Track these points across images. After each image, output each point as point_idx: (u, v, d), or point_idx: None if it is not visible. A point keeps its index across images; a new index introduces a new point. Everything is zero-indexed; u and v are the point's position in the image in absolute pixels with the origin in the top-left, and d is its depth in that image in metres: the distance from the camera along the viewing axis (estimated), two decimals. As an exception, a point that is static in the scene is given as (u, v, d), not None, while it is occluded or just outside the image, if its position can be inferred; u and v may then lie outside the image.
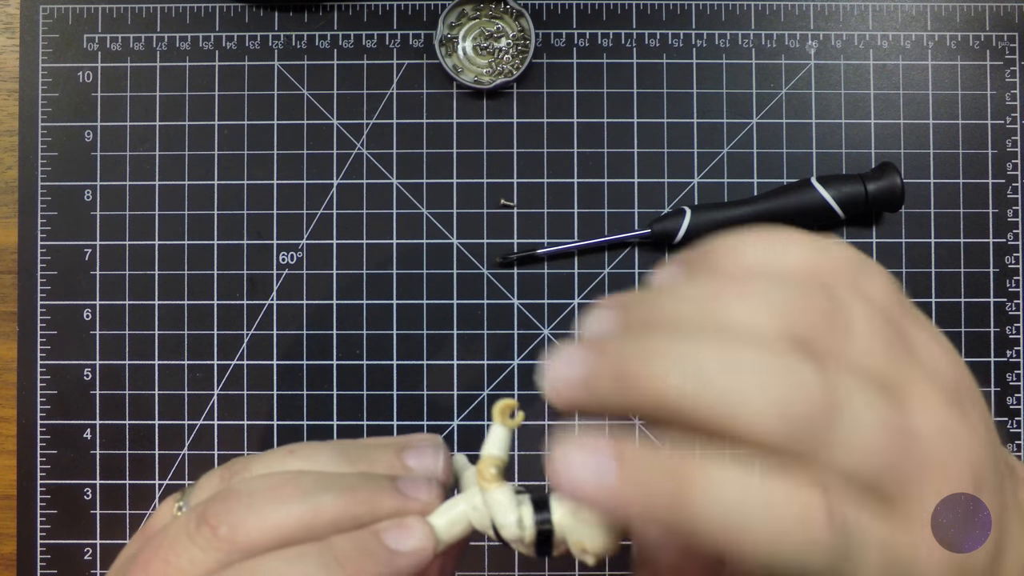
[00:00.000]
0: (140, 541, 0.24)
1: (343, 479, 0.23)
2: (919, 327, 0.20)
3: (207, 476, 0.25)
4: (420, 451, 0.25)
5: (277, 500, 0.22)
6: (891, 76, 0.45)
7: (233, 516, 0.21)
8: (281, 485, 0.22)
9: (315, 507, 0.22)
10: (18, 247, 0.44)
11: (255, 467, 0.24)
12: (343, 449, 0.24)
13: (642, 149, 0.45)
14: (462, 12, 0.45)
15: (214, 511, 0.22)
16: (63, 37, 0.45)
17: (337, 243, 0.44)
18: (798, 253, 0.19)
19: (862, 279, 0.20)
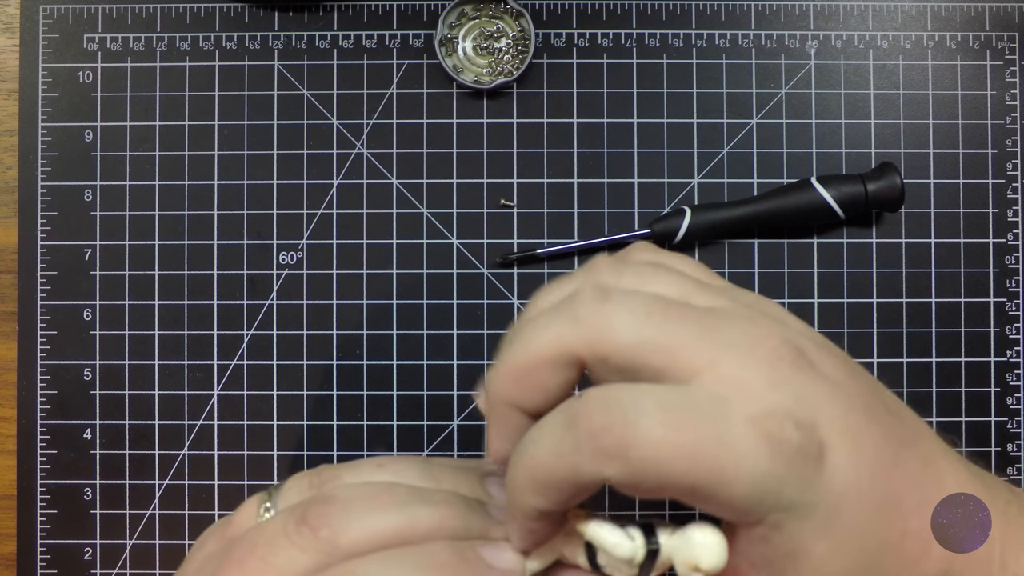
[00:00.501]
0: (221, 540, 0.24)
1: (436, 494, 0.24)
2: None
3: (295, 480, 0.25)
4: (501, 480, 0.25)
5: (376, 508, 0.22)
6: (891, 76, 0.45)
7: (334, 520, 0.22)
8: (379, 494, 0.23)
9: (412, 517, 0.22)
10: (18, 247, 0.44)
11: (345, 476, 0.24)
12: (429, 469, 0.25)
13: (642, 149, 0.45)
14: (462, 12, 0.45)
15: (315, 514, 0.22)
16: (63, 37, 0.45)
17: (337, 243, 0.44)
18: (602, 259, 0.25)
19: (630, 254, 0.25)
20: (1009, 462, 0.44)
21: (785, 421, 0.20)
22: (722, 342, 0.21)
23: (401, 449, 0.44)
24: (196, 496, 0.44)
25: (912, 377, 0.44)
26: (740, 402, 0.20)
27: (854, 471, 0.20)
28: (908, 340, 0.44)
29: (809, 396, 0.21)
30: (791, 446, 0.20)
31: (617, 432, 0.19)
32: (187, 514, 0.44)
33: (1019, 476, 0.44)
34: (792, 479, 0.20)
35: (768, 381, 0.20)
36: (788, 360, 0.21)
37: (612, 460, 0.20)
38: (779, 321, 0.22)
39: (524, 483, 0.21)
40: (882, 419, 0.22)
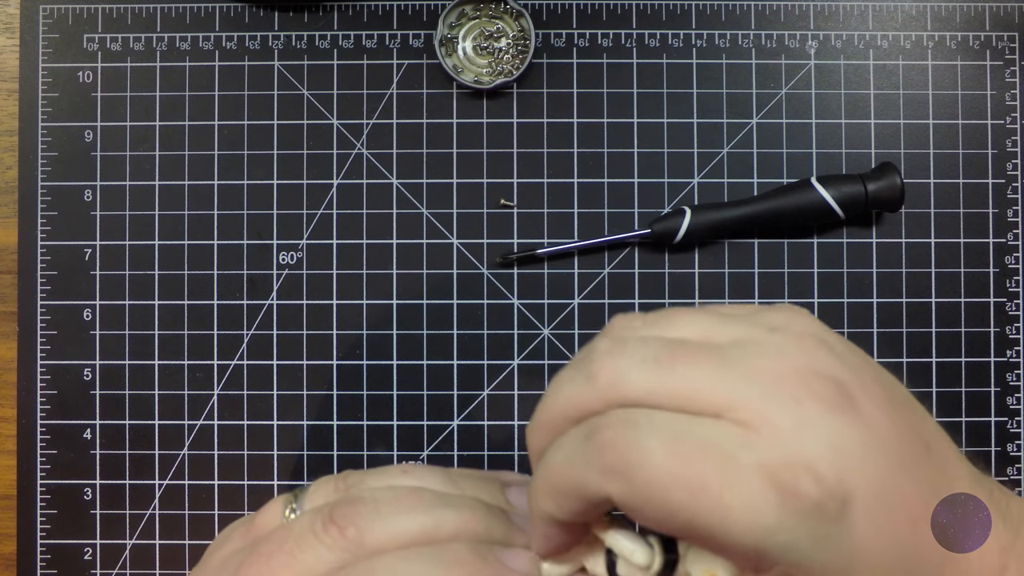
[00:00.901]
0: (245, 538, 0.24)
1: (460, 499, 0.24)
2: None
3: (321, 483, 0.25)
4: (522, 490, 0.26)
5: (402, 510, 0.23)
6: (891, 76, 0.45)
7: (361, 520, 0.22)
8: (405, 497, 0.23)
9: (437, 519, 0.23)
10: (18, 247, 0.44)
11: (371, 481, 0.25)
12: (452, 476, 0.25)
13: (642, 149, 0.45)
14: (462, 12, 0.45)
15: (342, 513, 0.23)
16: (63, 37, 0.45)
17: (337, 243, 0.44)
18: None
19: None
20: (1009, 462, 0.44)
21: (804, 473, 0.18)
22: (743, 379, 0.20)
23: (401, 449, 0.44)
24: (196, 496, 0.44)
25: (912, 377, 0.44)
26: (757, 446, 0.19)
27: (877, 532, 0.19)
28: (908, 340, 0.44)
29: (839, 443, 0.19)
30: (808, 501, 0.18)
31: (622, 450, 0.19)
32: (187, 514, 0.44)
33: (1019, 476, 0.44)
34: (805, 535, 0.18)
35: (794, 423, 0.19)
36: (821, 397, 0.19)
37: (615, 478, 0.19)
38: (814, 347, 0.21)
39: (541, 487, 0.21)
40: (917, 467, 0.20)
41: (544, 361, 0.44)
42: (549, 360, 0.44)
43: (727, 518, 0.19)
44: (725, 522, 0.19)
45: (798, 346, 0.21)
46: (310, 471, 0.44)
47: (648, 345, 0.21)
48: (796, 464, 0.19)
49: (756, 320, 0.22)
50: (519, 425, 0.44)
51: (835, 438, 0.19)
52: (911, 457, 0.20)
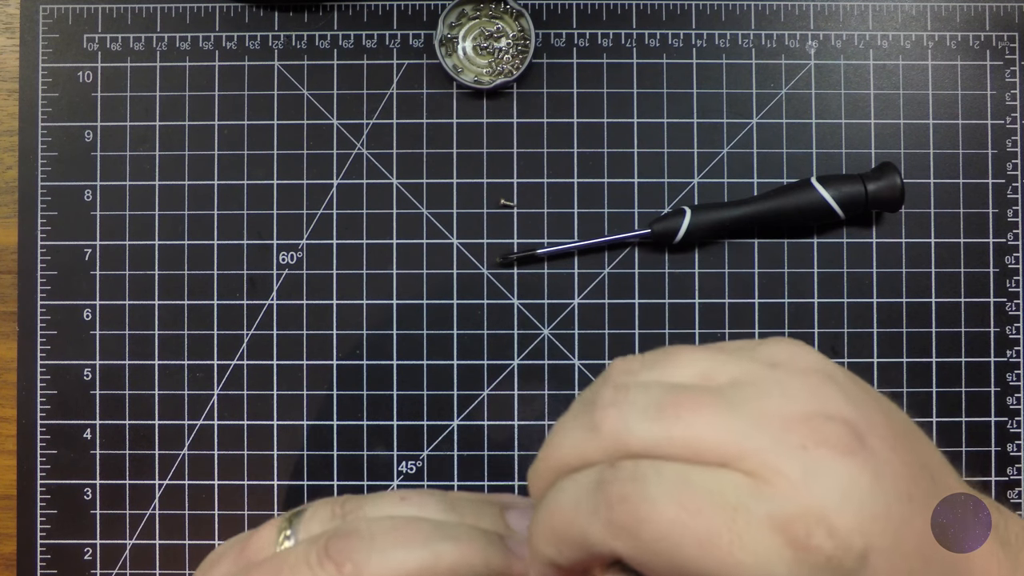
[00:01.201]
0: (238, 561, 0.24)
1: (458, 529, 0.23)
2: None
3: (316, 508, 0.25)
4: (522, 513, 0.25)
5: (399, 543, 0.22)
6: (891, 76, 0.45)
7: (357, 554, 0.22)
8: (402, 528, 0.23)
9: (435, 553, 0.22)
10: (18, 247, 0.44)
11: (368, 509, 0.24)
12: (451, 502, 0.25)
13: (642, 149, 0.45)
14: (462, 12, 0.45)
15: (337, 548, 0.22)
16: (63, 37, 0.45)
17: (337, 243, 0.44)
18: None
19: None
20: (1009, 462, 0.44)
21: (816, 526, 0.18)
22: (748, 426, 0.19)
23: (401, 449, 0.44)
24: (196, 496, 0.44)
25: (912, 377, 0.44)
26: (767, 497, 0.18)
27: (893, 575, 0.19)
28: (908, 340, 0.44)
29: (852, 492, 0.18)
30: (821, 555, 0.18)
31: (632, 506, 0.19)
32: (187, 514, 0.44)
33: (1019, 476, 0.44)
34: None
35: (803, 473, 0.19)
36: (829, 443, 0.19)
37: (622, 534, 0.19)
38: (818, 384, 0.20)
39: (542, 531, 0.21)
40: (926, 499, 0.20)
41: (544, 361, 0.44)
42: (549, 360, 0.44)
43: (738, 573, 0.18)
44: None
45: (802, 385, 0.20)
46: (310, 471, 0.44)
47: (650, 392, 0.21)
48: (808, 516, 0.18)
49: (755, 356, 0.22)
50: (519, 425, 0.44)
51: (847, 486, 0.19)
52: (920, 490, 0.20)
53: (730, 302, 0.44)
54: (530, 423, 0.44)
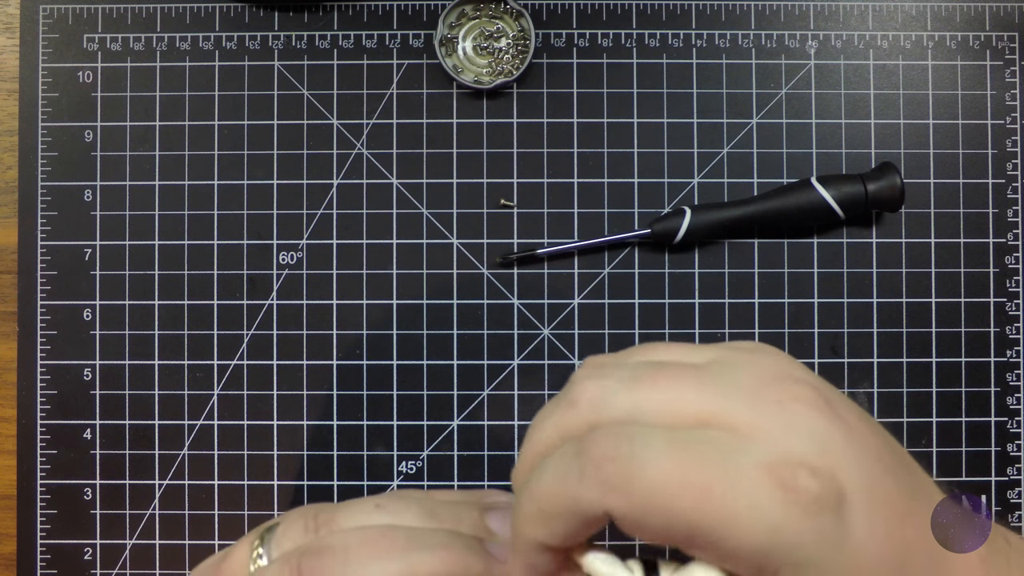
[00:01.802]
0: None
1: (435, 536, 0.23)
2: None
3: (289, 523, 0.24)
4: (503, 515, 0.25)
5: (373, 556, 0.22)
6: (891, 76, 0.45)
7: (330, 572, 0.21)
8: (375, 541, 0.22)
9: (411, 565, 0.22)
10: (18, 247, 0.44)
11: (341, 520, 0.24)
12: (429, 505, 0.25)
13: (642, 149, 0.45)
14: (462, 12, 0.45)
15: (310, 566, 0.22)
16: (63, 37, 0.45)
17: (337, 243, 0.44)
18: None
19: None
20: (1009, 462, 0.44)
21: (800, 469, 0.19)
22: (725, 389, 0.20)
23: (401, 449, 0.44)
24: (196, 496, 0.44)
25: (912, 377, 0.44)
26: (752, 448, 0.19)
27: (870, 525, 0.19)
28: (908, 340, 0.44)
29: (827, 440, 0.19)
30: (808, 495, 0.18)
31: (623, 462, 0.19)
32: (187, 514, 0.44)
33: (1019, 476, 0.44)
34: (808, 532, 0.18)
35: (782, 424, 0.19)
36: (804, 400, 0.20)
37: (615, 492, 0.19)
38: (788, 361, 0.21)
39: (528, 512, 0.21)
40: (896, 470, 0.21)
41: (544, 361, 0.44)
42: (549, 360, 0.44)
43: (733, 520, 0.18)
44: (731, 525, 0.18)
45: (774, 360, 0.21)
46: (310, 471, 0.44)
47: (627, 367, 0.21)
48: (791, 461, 0.19)
49: (729, 346, 0.23)
50: (519, 425, 0.44)
51: (821, 436, 0.19)
52: (890, 461, 0.21)
53: (730, 302, 0.44)
54: (530, 423, 0.44)
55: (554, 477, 0.20)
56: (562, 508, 0.20)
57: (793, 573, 0.19)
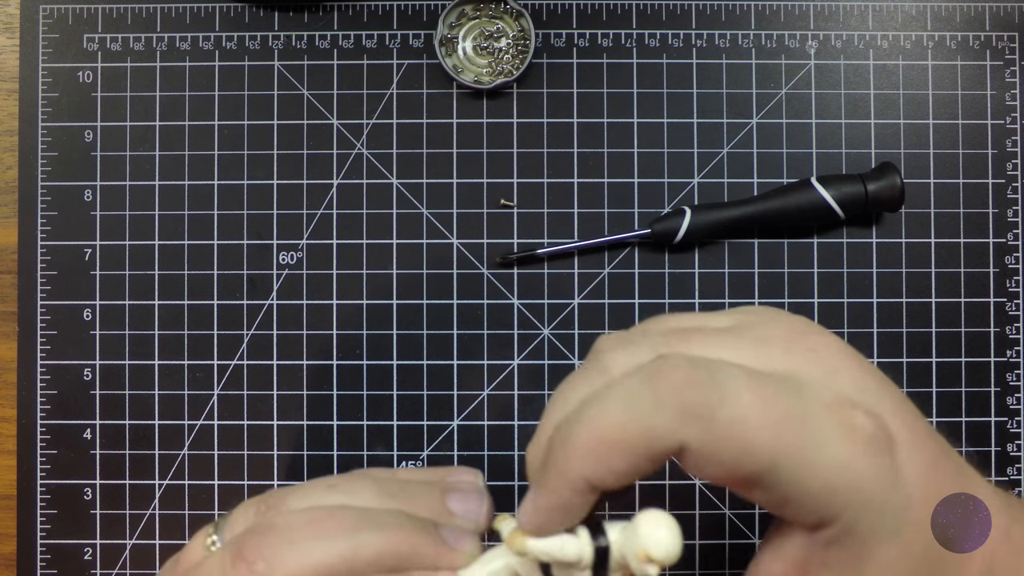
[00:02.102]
0: (173, 575, 0.23)
1: (386, 516, 0.22)
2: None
3: (241, 508, 0.24)
4: (465, 496, 0.24)
5: (317, 536, 0.21)
6: (891, 76, 0.45)
7: (270, 551, 0.21)
8: (321, 520, 0.21)
9: (357, 545, 0.21)
10: (18, 247, 0.44)
11: (292, 501, 0.23)
12: (385, 485, 0.23)
13: (642, 149, 0.45)
14: (462, 12, 0.45)
15: (251, 546, 0.21)
16: (63, 37, 0.45)
17: (337, 243, 0.44)
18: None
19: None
20: (1009, 462, 0.44)
21: (855, 408, 0.19)
22: (757, 344, 0.20)
23: (401, 449, 0.44)
24: (196, 496, 0.44)
25: (912, 377, 0.44)
26: (809, 386, 0.19)
27: (915, 466, 0.19)
28: (908, 340, 0.44)
29: (866, 384, 0.20)
30: (864, 434, 0.18)
31: (704, 388, 0.18)
32: (187, 514, 0.44)
33: (1019, 476, 0.44)
34: (868, 472, 0.18)
35: (824, 369, 0.19)
36: (834, 349, 0.20)
37: (695, 421, 0.18)
38: (805, 321, 0.22)
39: (584, 446, 0.19)
40: (918, 414, 0.21)
41: (544, 361, 0.44)
42: (549, 360, 0.44)
43: (805, 456, 0.18)
44: (804, 461, 0.18)
45: (793, 319, 0.22)
46: (310, 471, 0.44)
47: (653, 336, 0.21)
48: (845, 402, 0.19)
49: (742, 310, 0.23)
50: (519, 425, 0.44)
51: (861, 382, 0.20)
52: (912, 406, 0.21)
53: (730, 302, 0.44)
54: (530, 423, 0.44)
55: (622, 406, 0.19)
56: (631, 442, 0.19)
57: (855, 516, 0.18)
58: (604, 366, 0.20)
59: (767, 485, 0.19)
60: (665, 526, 0.20)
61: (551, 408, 0.21)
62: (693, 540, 0.43)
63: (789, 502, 0.19)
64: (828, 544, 0.19)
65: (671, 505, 0.43)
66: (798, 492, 0.18)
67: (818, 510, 0.19)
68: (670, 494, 0.43)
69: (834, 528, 0.19)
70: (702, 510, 0.43)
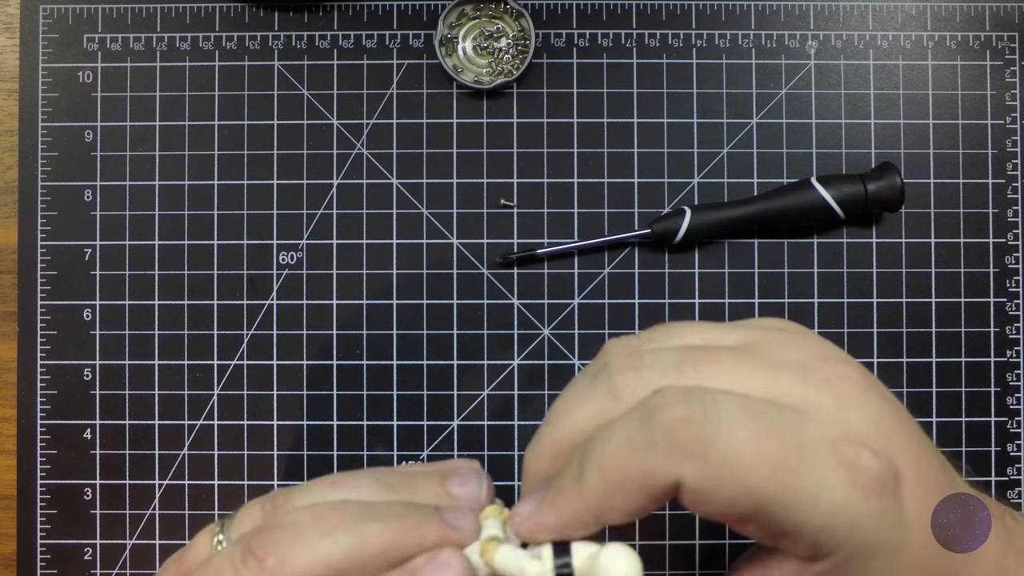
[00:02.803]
0: (177, 573, 0.24)
1: (389, 507, 0.22)
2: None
3: (247, 507, 0.24)
4: (464, 478, 0.24)
5: (324, 531, 0.21)
6: (891, 76, 0.45)
7: (280, 548, 0.21)
8: (326, 515, 0.22)
9: (362, 537, 0.21)
10: (18, 247, 0.44)
11: (297, 499, 0.23)
12: (386, 478, 0.24)
13: (642, 149, 0.45)
14: (462, 12, 0.45)
15: (260, 543, 0.21)
16: (63, 37, 0.45)
17: (337, 243, 0.44)
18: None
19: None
20: (1009, 462, 0.44)
21: (862, 448, 0.18)
22: (772, 369, 0.20)
23: (401, 449, 0.44)
24: (196, 496, 0.44)
25: (912, 377, 0.44)
26: (813, 423, 0.18)
27: (920, 502, 0.19)
28: (908, 340, 0.44)
29: (879, 418, 0.19)
30: (869, 475, 0.18)
31: (697, 426, 0.18)
32: (187, 514, 0.44)
33: (1019, 476, 0.44)
34: (869, 514, 0.18)
35: (835, 401, 0.19)
36: (850, 379, 0.20)
37: (689, 458, 0.18)
38: (821, 341, 0.21)
39: (593, 487, 0.19)
40: (930, 445, 0.21)
41: (544, 361, 0.44)
42: (549, 360, 0.44)
43: (804, 496, 0.18)
44: (800, 500, 0.18)
45: (810, 340, 0.21)
46: (310, 471, 0.44)
47: (664, 355, 0.21)
48: (852, 439, 0.18)
49: (754, 324, 0.22)
50: (519, 425, 0.44)
51: (873, 414, 0.19)
52: (925, 438, 0.21)
53: (730, 302, 0.44)
54: (530, 423, 0.44)
55: (619, 446, 0.19)
56: (629, 479, 0.19)
57: (850, 554, 0.18)
58: (615, 390, 0.20)
59: (762, 521, 0.19)
60: (625, 564, 0.20)
61: (556, 416, 0.22)
62: (693, 540, 0.43)
63: (785, 537, 0.19)
64: (819, 573, 0.19)
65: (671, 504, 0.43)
66: (793, 529, 0.18)
67: (815, 546, 0.19)
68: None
69: (827, 562, 0.19)
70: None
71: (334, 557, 0.21)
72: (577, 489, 0.20)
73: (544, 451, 0.21)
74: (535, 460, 0.22)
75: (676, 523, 0.43)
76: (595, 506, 0.20)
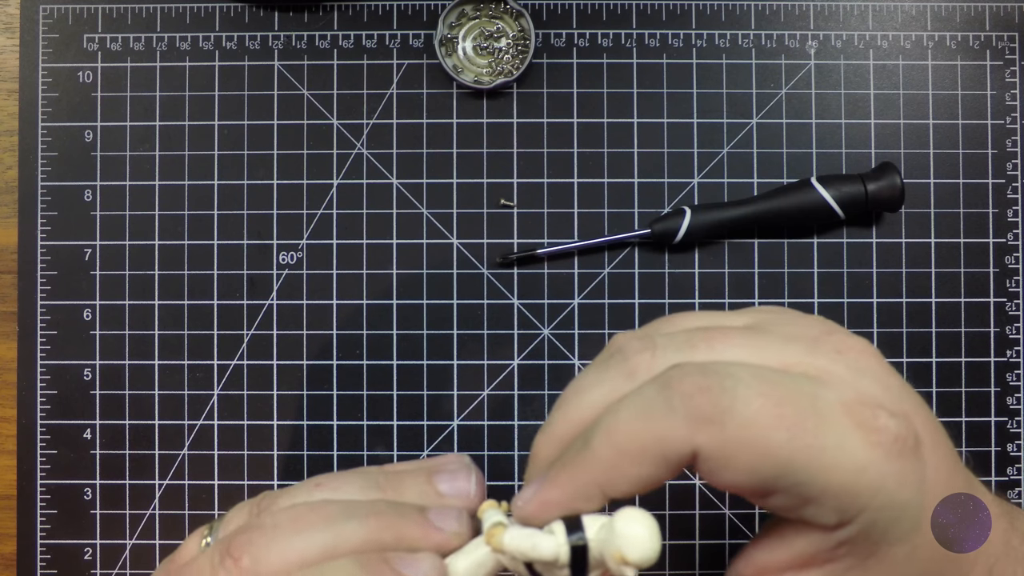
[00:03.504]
0: (168, 572, 0.24)
1: (369, 506, 0.23)
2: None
3: (236, 509, 0.25)
4: (452, 475, 0.24)
5: (299, 530, 0.22)
6: (891, 76, 0.45)
7: (254, 548, 0.21)
8: (304, 515, 0.22)
9: (337, 535, 0.21)
10: (18, 247, 0.44)
11: (281, 501, 0.24)
12: (373, 478, 0.24)
13: (642, 149, 0.45)
14: (462, 12, 0.45)
15: (238, 544, 0.22)
16: (63, 37, 0.45)
17: (337, 243, 0.44)
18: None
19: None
20: (1009, 462, 0.44)
21: (879, 410, 0.19)
22: (782, 342, 0.20)
23: (401, 449, 0.44)
24: (196, 496, 0.44)
25: (912, 377, 0.44)
26: (830, 387, 0.19)
27: (938, 469, 0.19)
28: (908, 340, 0.44)
29: (892, 385, 0.20)
30: (889, 435, 0.18)
31: (715, 395, 0.18)
32: (187, 514, 0.44)
33: (1019, 476, 0.44)
34: (892, 472, 0.18)
35: (848, 369, 0.19)
36: (859, 349, 0.20)
37: (707, 426, 0.18)
38: (823, 320, 0.22)
39: (600, 454, 0.19)
40: (941, 429, 0.21)
41: (544, 361, 0.44)
42: (549, 360, 0.44)
43: (824, 458, 0.18)
44: (821, 463, 0.18)
45: (813, 319, 0.22)
46: (310, 471, 0.44)
47: (675, 337, 0.21)
48: (867, 402, 0.19)
49: (759, 309, 0.23)
50: (519, 425, 0.44)
51: (885, 381, 0.20)
52: (935, 418, 0.21)
53: (730, 302, 0.44)
54: (530, 423, 0.44)
55: (635, 414, 0.19)
56: (645, 448, 0.19)
57: (874, 517, 0.18)
58: (631, 369, 0.20)
59: (785, 488, 0.19)
60: (641, 526, 0.19)
61: (568, 399, 0.21)
62: (693, 540, 0.43)
63: (808, 504, 0.19)
64: (842, 542, 0.19)
65: (671, 505, 0.43)
66: (817, 493, 0.18)
67: (838, 511, 0.19)
68: (670, 494, 0.43)
69: (852, 528, 0.19)
70: (702, 510, 0.43)
71: (309, 556, 0.21)
72: (582, 459, 0.20)
73: (555, 435, 0.21)
74: (545, 446, 0.22)
75: (676, 523, 0.43)
76: (602, 476, 0.19)
